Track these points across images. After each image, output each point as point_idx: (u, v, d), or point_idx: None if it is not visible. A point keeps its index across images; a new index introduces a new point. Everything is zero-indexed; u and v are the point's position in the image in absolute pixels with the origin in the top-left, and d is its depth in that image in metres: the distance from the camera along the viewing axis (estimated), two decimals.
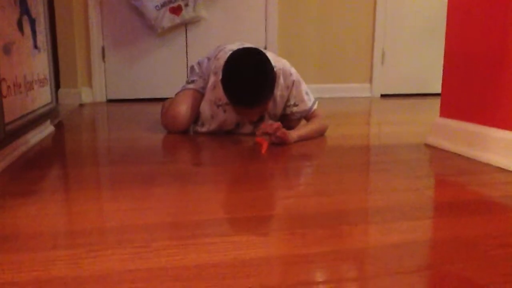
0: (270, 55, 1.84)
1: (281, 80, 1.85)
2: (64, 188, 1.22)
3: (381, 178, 1.32)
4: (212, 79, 1.91)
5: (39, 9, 1.88)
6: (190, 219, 0.97)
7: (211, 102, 1.90)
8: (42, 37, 1.92)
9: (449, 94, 1.70)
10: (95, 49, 3.30)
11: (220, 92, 1.79)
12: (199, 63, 2.16)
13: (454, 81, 1.66)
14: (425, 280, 0.71)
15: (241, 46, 1.86)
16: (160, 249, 0.81)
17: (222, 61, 1.78)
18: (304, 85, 1.93)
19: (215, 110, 1.90)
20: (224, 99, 1.80)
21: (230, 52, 1.76)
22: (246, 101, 1.70)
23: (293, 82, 1.88)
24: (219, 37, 3.47)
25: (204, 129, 1.97)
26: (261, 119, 1.93)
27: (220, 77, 1.75)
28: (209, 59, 2.08)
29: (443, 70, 1.72)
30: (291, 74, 1.88)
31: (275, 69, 1.75)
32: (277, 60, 1.87)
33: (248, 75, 1.65)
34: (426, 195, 1.16)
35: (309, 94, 1.95)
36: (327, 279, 0.71)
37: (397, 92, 3.80)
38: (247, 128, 1.96)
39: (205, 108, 1.93)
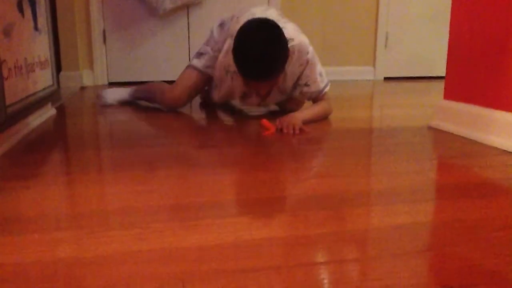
0: (291, 27, 1.79)
1: (295, 56, 1.79)
2: (66, 171, 1.22)
3: (384, 161, 1.31)
4: (228, 41, 1.87)
5: None
6: (192, 201, 0.97)
7: (221, 66, 1.88)
8: (43, 19, 1.90)
9: (453, 77, 1.68)
10: (96, 31, 3.27)
11: (231, 58, 1.75)
12: (221, 25, 2.09)
13: (459, 63, 1.64)
14: (427, 261, 0.71)
15: (264, 12, 1.82)
16: (162, 231, 0.81)
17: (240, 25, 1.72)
18: (319, 66, 1.88)
19: (224, 76, 1.88)
20: (233, 67, 1.76)
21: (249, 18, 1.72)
22: (254, 74, 1.65)
23: (308, 61, 1.82)
24: None
25: (215, 96, 1.98)
26: (268, 93, 1.90)
27: None
28: (232, 18, 2.02)
29: (447, 52, 1.70)
30: (307, 53, 1.81)
31: (291, 44, 1.70)
32: (296, 35, 1.80)
33: (258, 48, 1.60)
34: (429, 177, 1.15)
35: (322, 76, 1.90)
36: (329, 260, 0.71)
37: (400, 75, 3.77)
38: (254, 100, 1.93)
39: (217, 70, 1.92)
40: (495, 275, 0.66)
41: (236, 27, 1.79)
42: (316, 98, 1.93)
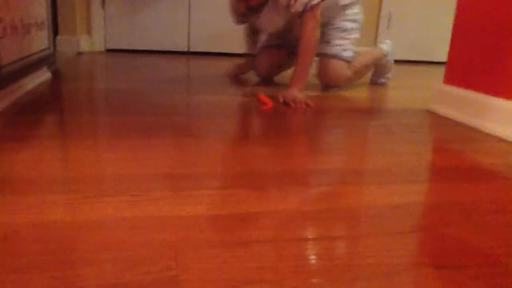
0: None
1: None
2: (60, 135, 1.21)
3: (381, 141, 1.31)
4: None
5: None
6: (188, 171, 0.96)
7: None
8: None
9: (454, 61, 1.67)
10: None
11: None
12: None
13: (461, 48, 1.62)
14: (420, 241, 0.71)
15: None
16: (156, 199, 0.81)
17: None
18: None
19: None
20: None
21: None
22: None
23: None
24: None
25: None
26: (258, 5, 1.89)
27: None
28: None
29: (451, 36, 1.68)
30: None
31: None
32: None
33: None
34: (425, 159, 1.15)
35: None
36: (322, 236, 0.71)
37: (402, 58, 3.73)
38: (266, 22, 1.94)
39: None
40: (488, 257, 0.66)
41: None
42: (303, 16, 1.84)
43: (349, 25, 2.08)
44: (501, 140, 1.35)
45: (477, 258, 0.66)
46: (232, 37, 3.52)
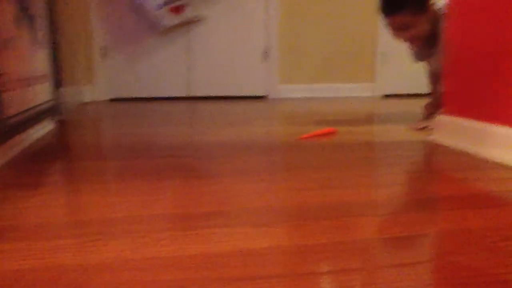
0: None
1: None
2: (68, 181, 1.22)
3: (384, 173, 1.31)
4: None
5: (38, 6, 1.88)
6: (194, 211, 0.96)
7: None
8: (42, 34, 1.92)
9: (451, 91, 1.69)
10: (96, 47, 3.30)
11: None
12: None
13: (456, 78, 1.65)
14: (432, 271, 0.70)
15: None
16: (162, 239, 0.81)
17: None
18: None
19: None
20: None
21: None
22: (382, 4, 1.85)
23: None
24: (221, 35, 3.47)
25: None
26: (410, 39, 2.00)
27: None
28: None
29: (444, 67, 1.71)
30: None
31: (438, 6, 1.84)
32: None
33: None
34: (429, 189, 1.15)
35: None
36: (331, 270, 0.71)
37: (400, 92, 3.79)
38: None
39: None
40: (502, 285, 0.65)
41: None
42: None
43: None
44: (503, 166, 1.35)
45: (490, 286, 0.65)
46: (229, 81, 3.59)
